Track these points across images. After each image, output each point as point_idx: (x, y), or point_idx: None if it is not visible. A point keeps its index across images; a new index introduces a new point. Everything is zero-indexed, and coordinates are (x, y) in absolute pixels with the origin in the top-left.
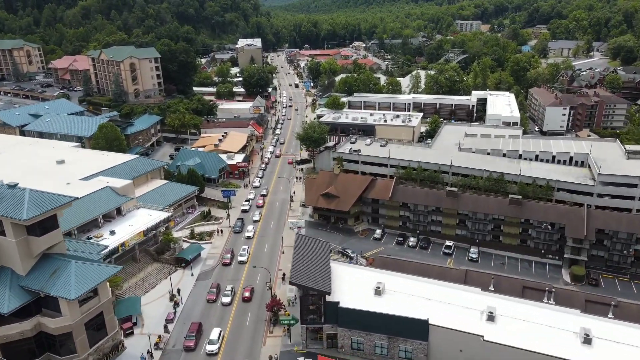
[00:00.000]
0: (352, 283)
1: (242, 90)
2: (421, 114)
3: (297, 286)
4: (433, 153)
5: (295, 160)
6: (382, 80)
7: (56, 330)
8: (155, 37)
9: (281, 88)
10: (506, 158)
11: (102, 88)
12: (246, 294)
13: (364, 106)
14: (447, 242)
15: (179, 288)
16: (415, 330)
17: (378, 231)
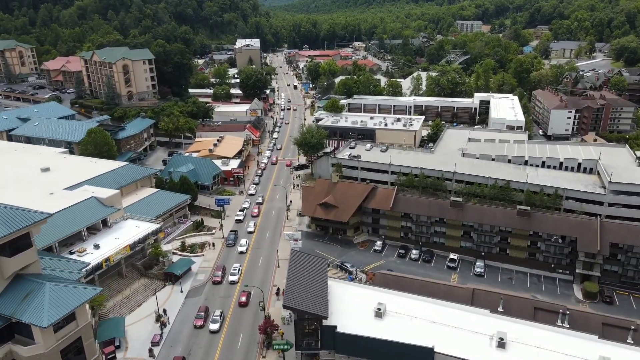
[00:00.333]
0: (351, 304)
1: (240, 92)
2: (423, 118)
3: (292, 310)
4: (435, 159)
5: (293, 165)
6: (383, 82)
7: (29, 359)
8: (152, 38)
9: (280, 90)
10: (512, 164)
11: (95, 90)
12: (242, 299)
13: (364, 109)
14: (452, 255)
15: (165, 308)
16: (419, 359)
17: (379, 243)
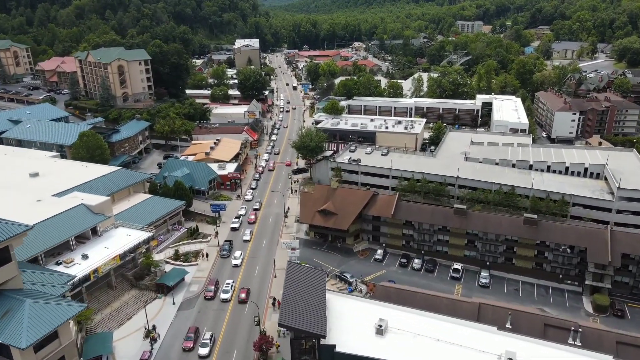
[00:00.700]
0: (351, 319)
1: (238, 93)
2: (424, 120)
3: (288, 328)
4: (438, 163)
5: (292, 169)
6: (383, 83)
7: None
8: (150, 38)
9: (279, 91)
10: (516, 169)
11: (90, 91)
12: (242, 296)
13: (364, 110)
14: (455, 265)
15: (154, 324)
16: None
17: (379, 251)
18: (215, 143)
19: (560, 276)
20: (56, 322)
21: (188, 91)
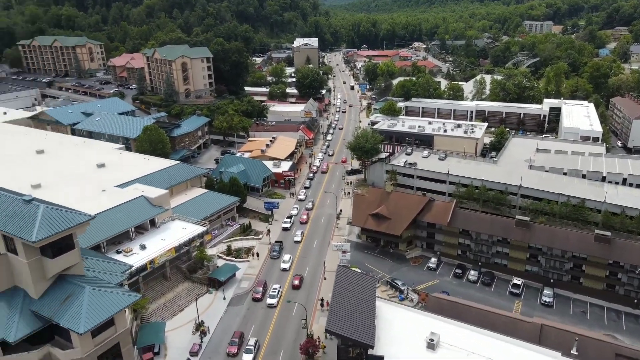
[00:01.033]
0: (401, 330)
1: (295, 91)
2: (485, 124)
3: (335, 335)
4: (499, 170)
5: (345, 170)
6: (443, 84)
7: None
8: (214, 36)
9: (336, 90)
10: (586, 180)
11: (155, 87)
12: (295, 282)
13: (422, 112)
14: (515, 280)
15: (202, 320)
16: None
17: (433, 259)
18: (271, 140)
19: (635, 301)
20: (112, 310)
21: (247, 88)
